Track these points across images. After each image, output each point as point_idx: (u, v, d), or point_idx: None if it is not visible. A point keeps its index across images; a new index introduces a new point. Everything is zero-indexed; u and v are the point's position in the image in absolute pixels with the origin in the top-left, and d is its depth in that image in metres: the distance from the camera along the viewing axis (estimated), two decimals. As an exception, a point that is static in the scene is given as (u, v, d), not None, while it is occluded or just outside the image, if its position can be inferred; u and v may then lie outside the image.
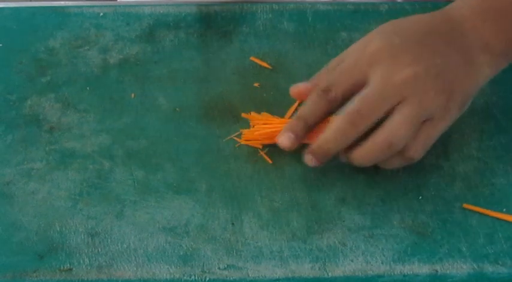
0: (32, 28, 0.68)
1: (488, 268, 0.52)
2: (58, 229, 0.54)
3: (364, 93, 0.52)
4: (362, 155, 0.53)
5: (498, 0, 0.55)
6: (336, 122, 0.53)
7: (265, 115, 0.60)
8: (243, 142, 0.59)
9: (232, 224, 0.55)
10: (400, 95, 0.51)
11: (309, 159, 0.54)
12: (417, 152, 0.53)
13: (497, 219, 0.55)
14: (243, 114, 0.60)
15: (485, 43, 0.54)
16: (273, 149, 0.59)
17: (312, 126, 0.55)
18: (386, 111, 0.52)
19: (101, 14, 0.69)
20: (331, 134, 0.53)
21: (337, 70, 0.55)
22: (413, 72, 0.51)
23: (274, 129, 0.58)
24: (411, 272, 0.52)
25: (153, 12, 0.69)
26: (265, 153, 0.58)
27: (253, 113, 0.60)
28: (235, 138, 0.59)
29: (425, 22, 0.56)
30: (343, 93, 0.53)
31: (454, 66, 0.53)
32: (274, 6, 0.70)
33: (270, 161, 0.58)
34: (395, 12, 0.69)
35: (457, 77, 0.53)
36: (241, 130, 0.59)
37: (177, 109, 0.62)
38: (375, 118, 0.52)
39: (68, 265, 0.52)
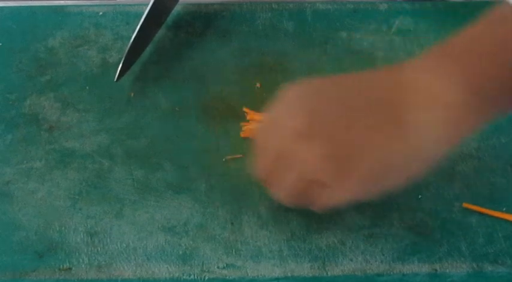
0: (31, 27, 0.68)
1: (488, 267, 0.52)
2: (57, 228, 0.54)
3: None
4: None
5: (451, 46, 0.47)
6: None
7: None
8: (242, 135, 0.59)
9: (232, 223, 0.55)
10: (278, 149, 0.47)
11: None
12: (314, 207, 0.50)
13: (497, 218, 0.55)
14: (244, 109, 0.60)
15: (431, 97, 0.45)
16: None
17: None
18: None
19: (100, 13, 0.69)
20: None
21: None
22: (292, 128, 0.46)
23: None
24: (410, 271, 0.52)
25: (153, 11, 0.69)
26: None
27: (251, 111, 0.60)
28: (234, 136, 0.59)
29: (358, 79, 0.48)
30: None
31: (367, 129, 0.45)
32: (273, 6, 0.70)
33: None
34: (395, 12, 0.69)
35: (365, 142, 0.45)
36: (241, 124, 0.60)
37: (176, 108, 0.62)
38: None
39: (68, 264, 0.52)
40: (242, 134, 0.59)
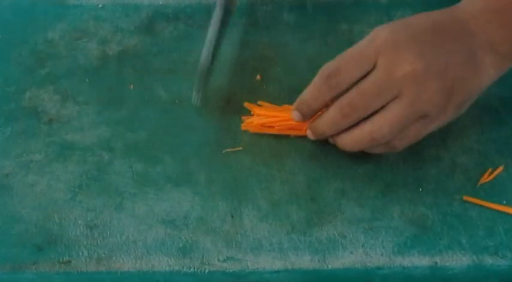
0: (31, 20, 0.68)
1: (488, 260, 0.52)
2: (57, 221, 0.54)
3: (361, 85, 0.52)
4: (346, 141, 0.54)
5: (503, 1, 0.54)
6: (330, 110, 0.53)
7: (264, 105, 0.60)
8: (242, 128, 0.59)
9: (232, 216, 0.54)
10: (396, 92, 0.51)
11: (308, 133, 0.57)
12: (401, 145, 0.54)
13: (497, 211, 0.55)
14: (245, 104, 0.60)
15: (491, 43, 0.52)
16: (273, 140, 0.59)
17: (316, 110, 0.55)
18: (381, 106, 0.51)
19: (100, 5, 0.69)
20: (324, 120, 0.54)
21: (343, 56, 0.53)
22: (412, 69, 0.50)
23: (273, 119, 0.58)
24: (411, 264, 0.52)
25: (153, 3, 0.69)
26: (265, 145, 0.58)
27: (253, 104, 0.60)
28: (234, 129, 0.59)
29: (433, 20, 0.54)
30: (347, 81, 0.52)
31: (458, 66, 0.52)
32: (274, -2, 0.70)
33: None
34: (396, 4, 0.69)
35: (460, 76, 0.52)
36: (242, 117, 0.60)
37: (176, 101, 0.62)
38: (366, 112, 0.52)
39: (67, 257, 0.52)
40: (242, 127, 0.59)
